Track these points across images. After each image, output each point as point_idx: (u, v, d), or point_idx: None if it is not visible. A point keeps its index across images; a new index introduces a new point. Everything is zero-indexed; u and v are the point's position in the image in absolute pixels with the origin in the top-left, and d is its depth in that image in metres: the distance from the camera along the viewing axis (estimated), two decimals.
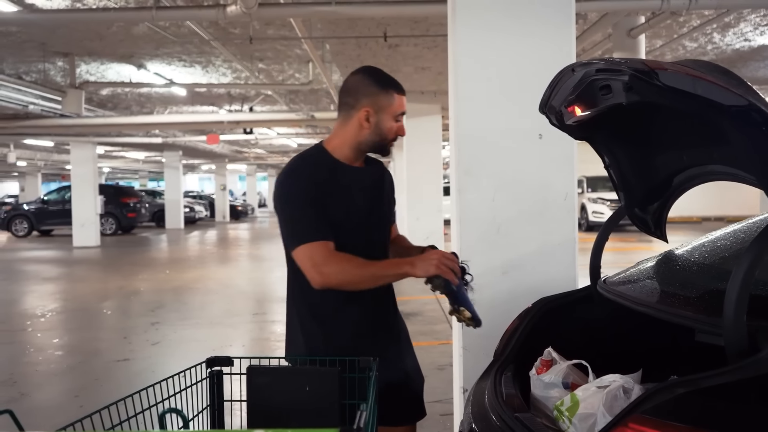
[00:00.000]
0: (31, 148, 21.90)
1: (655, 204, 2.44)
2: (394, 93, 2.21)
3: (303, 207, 2.10)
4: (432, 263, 2.06)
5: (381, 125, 2.21)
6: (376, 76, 2.24)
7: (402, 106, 2.25)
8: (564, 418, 1.88)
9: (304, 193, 2.11)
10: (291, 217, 2.13)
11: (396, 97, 2.22)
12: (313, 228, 2.07)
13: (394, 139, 2.28)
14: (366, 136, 2.21)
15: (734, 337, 1.49)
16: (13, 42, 8.63)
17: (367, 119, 2.19)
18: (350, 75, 2.28)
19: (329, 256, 2.06)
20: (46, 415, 4.56)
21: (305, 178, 2.15)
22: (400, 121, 2.27)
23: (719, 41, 9.06)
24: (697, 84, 1.52)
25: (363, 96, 2.20)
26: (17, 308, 9.15)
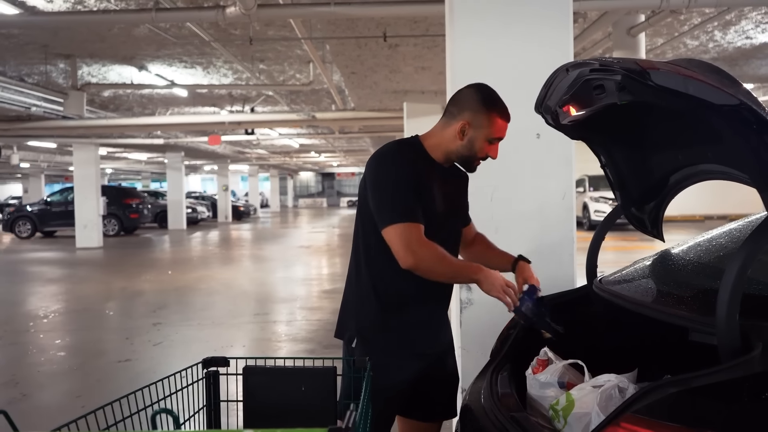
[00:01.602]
0: (34, 149, 21.96)
1: (651, 203, 2.45)
2: (496, 116, 2.24)
3: (404, 188, 2.16)
4: (494, 287, 2.14)
5: (474, 142, 2.25)
6: (485, 95, 2.27)
7: (500, 132, 2.28)
8: (559, 417, 1.88)
9: (406, 176, 2.17)
10: (391, 196, 2.17)
11: (496, 121, 2.25)
12: (411, 210, 2.14)
13: (483, 158, 2.31)
14: (458, 147, 2.27)
15: (727, 336, 1.49)
16: (15, 44, 8.66)
17: (462, 132, 2.25)
18: (465, 86, 2.33)
19: (423, 240, 2.13)
20: (48, 416, 4.57)
21: (408, 162, 2.21)
22: (494, 144, 2.29)
23: (720, 39, 9.05)
24: (689, 83, 1.52)
25: (466, 109, 2.25)
26: (20, 309, 9.17)
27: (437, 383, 2.39)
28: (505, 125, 2.28)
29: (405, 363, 2.24)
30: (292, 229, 26.06)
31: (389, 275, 2.22)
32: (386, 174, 2.20)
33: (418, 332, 2.27)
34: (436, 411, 2.44)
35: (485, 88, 2.30)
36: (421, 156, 2.28)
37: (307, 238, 20.90)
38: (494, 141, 2.28)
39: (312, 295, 9.73)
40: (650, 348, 2.28)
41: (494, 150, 2.30)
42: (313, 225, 28.25)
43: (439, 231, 2.25)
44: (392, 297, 2.25)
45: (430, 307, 2.32)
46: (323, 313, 8.06)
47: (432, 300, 2.31)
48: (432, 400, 2.40)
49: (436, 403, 2.42)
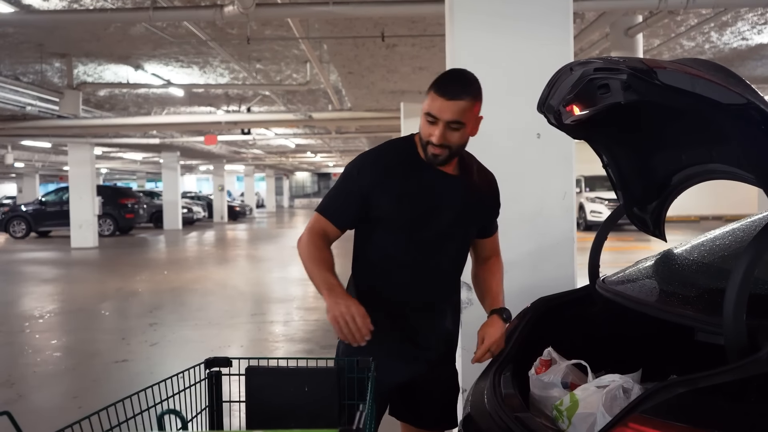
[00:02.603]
0: (28, 149, 21.88)
1: (653, 203, 2.44)
2: (432, 91, 2.07)
3: (341, 186, 2.20)
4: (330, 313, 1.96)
5: (420, 125, 2.14)
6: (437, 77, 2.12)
7: (430, 106, 2.07)
8: (563, 417, 1.88)
9: (354, 176, 2.17)
10: (331, 190, 2.25)
11: (430, 94, 2.07)
12: (330, 206, 2.18)
13: (430, 144, 2.09)
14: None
15: (734, 336, 1.49)
16: (10, 43, 8.62)
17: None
18: None
19: (313, 233, 2.15)
20: (45, 417, 4.55)
21: (371, 162, 2.19)
22: (431, 123, 2.08)
23: (717, 40, 9.07)
24: (696, 82, 1.52)
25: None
26: (15, 309, 9.13)
27: (428, 394, 2.30)
28: (439, 101, 2.04)
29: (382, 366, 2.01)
30: (288, 229, 26.02)
31: (360, 264, 2.27)
32: (345, 170, 2.23)
33: (391, 335, 2.17)
34: (430, 420, 2.35)
35: (444, 72, 2.19)
36: (403, 155, 2.18)
37: None
38: (431, 119, 2.06)
39: (308, 295, 9.70)
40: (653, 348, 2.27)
41: (435, 132, 2.06)
42: None
43: (413, 233, 2.16)
44: (366, 295, 2.20)
45: (406, 312, 2.21)
46: (320, 314, 8.03)
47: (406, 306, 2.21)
48: (425, 409, 2.32)
49: (429, 412, 2.33)
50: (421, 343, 2.24)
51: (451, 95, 2.04)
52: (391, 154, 2.22)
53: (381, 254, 2.23)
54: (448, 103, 2.04)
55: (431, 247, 2.21)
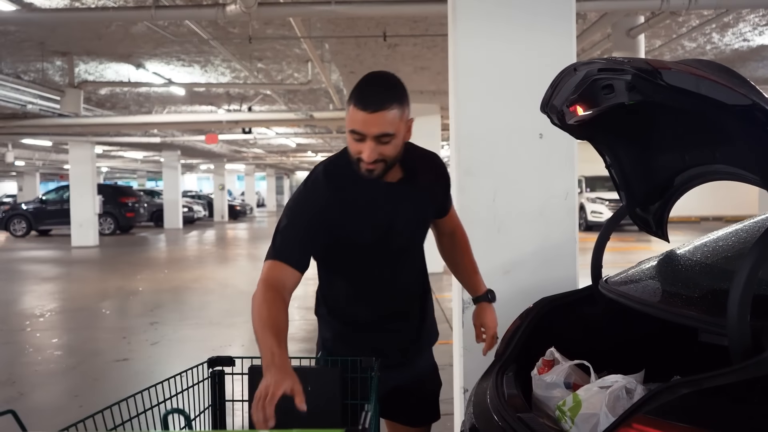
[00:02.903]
0: (29, 147, 21.87)
1: (656, 204, 2.44)
2: (351, 105, 1.87)
3: (289, 225, 1.96)
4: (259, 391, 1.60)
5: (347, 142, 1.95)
6: (355, 85, 1.92)
7: (353, 123, 1.87)
8: (566, 418, 1.88)
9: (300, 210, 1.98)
10: (279, 228, 1.98)
11: (350, 109, 1.87)
12: (283, 250, 1.93)
13: (361, 161, 1.92)
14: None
15: (738, 337, 1.49)
16: (12, 41, 8.61)
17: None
18: None
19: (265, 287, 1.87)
20: (46, 416, 4.55)
21: (312, 191, 2.01)
22: (358, 140, 1.89)
23: (718, 41, 9.06)
24: (701, 83, 1.52)
25: None
26: (16, 308, 9.13)
27: (410, 392, 2.28)
28: (360, 115, 1.84)
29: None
30: None
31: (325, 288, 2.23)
32: (287, 208, 2.02)
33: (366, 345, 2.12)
34: (415, 417, 2.34)
35: (363, 77, 1.96)
36: (348, 175, 1.99)
37: None
38: (357, 136, 1.88)
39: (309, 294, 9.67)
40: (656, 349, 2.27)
41: (364, 149, 1.88)
42: None
43: (378, 251, 2.10)
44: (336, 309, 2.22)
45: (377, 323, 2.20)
46: None
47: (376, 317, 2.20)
48: (409, 407, 2.30)
49: (413, 410, 2.32)
50: (398, 346, 2.23)
51: (374, 107, 1.83)
52: (330, 176, 2.03)
53: (343, 276, 2.18)
54: (373, 117, 1.83)
55: (392, 259, 2.15)
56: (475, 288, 2.41)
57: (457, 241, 2.43)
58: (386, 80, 1.93)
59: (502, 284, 3.09)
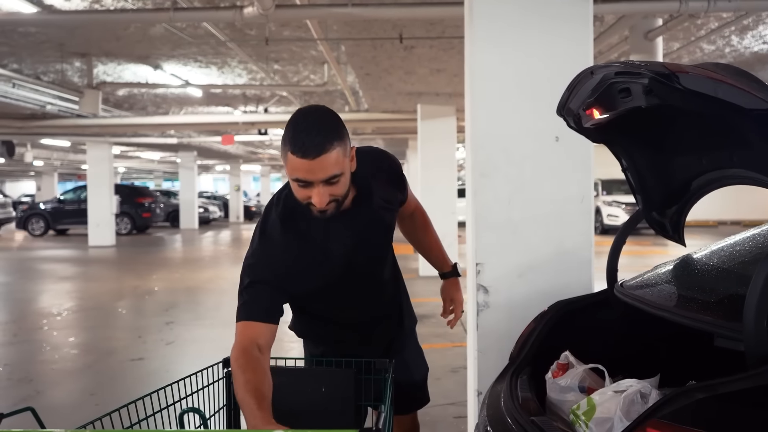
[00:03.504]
0: (47, 147, 22.09)
1: (673, 208, 2.42)
2: (287, 151, 1.73)
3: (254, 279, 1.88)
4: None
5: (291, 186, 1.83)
6: (288, 125, 1.77)
7: (294, 170, 1.74)
8: (580, 422, 1.87)
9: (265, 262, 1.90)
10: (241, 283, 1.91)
11: (289, 157, 1.73)
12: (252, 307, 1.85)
13: (309, 206, 1.82)
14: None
15: (754, 342, 1.48)
16: (32, 42, 8.71)
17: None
18: None
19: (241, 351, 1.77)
20: (62, 413, 4.60)
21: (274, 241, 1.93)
22: (303, 186, 1.77)
23: (737, 44, 8.99)
24: (719, 87, 1.51)
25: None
26: (34, 307, 9.23)
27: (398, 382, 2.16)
28: (301, 163, 1.71)
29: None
30: None
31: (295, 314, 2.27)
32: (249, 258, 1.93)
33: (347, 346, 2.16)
34: (405, 405, 2.33)
35: (293, 117, 1.80)
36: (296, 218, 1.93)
37: None
38: (302, 183, 1.77)
39: None
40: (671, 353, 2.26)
41: (313, 194, 1.77)
42: None
43: (351, 277, 2.06)
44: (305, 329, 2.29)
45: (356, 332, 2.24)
46: None
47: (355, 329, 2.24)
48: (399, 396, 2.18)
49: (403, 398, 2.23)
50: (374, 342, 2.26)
51: (315, 153, 1.70)
52: (285, 222, 1.94)
53: (315, 312, 2.21)
54: (315, 163, 1.71)
55: (363, 281, 2.13)
56: (442, 264, 2.49)
57: (417, 220, 2.49)
58: (322, 121, 1.77)
59: (517, 287, 3.10)
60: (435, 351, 5.73)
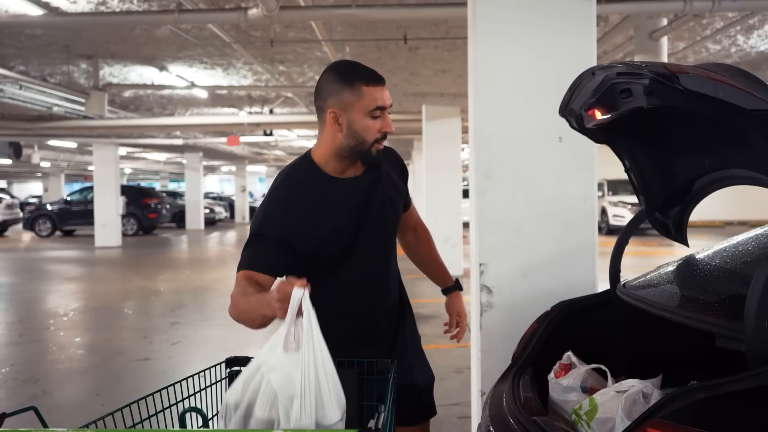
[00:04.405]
0: (54, 149, 22.17)
1: (676, 208, 2.43)
2: (361, 85, 1.91)
3: (258, 240, 1.93)
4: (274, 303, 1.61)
5: (353, 126, 1.93)
6: (340, 70, 1.96)
7: (375, 100, 1.92)
8: (582, 422, 1.87)
9: (266, 227, 1.93)
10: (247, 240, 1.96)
11: (364, 90, 1.91)
12: (255, 259, 1.90)
13: (378, 140, 1.97)
14: (341, 141, 1.95)
15: (755, 342, 1.48)
16: (38, 44, 8.75)
17: (336, 121, 1.94)
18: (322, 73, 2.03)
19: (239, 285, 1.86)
20: (68, 413, 4.62)
21: (277, 201, 1.98)
22: (378, 117, 1.95)
23: (743, 43, 8.96)
24: (719, 88, 1.51)
25: (328, 95, 1.95)
26: (40, 307, 9.27)
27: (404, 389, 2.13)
28: (376, 90, 1.92)
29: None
30: None
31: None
32: (253, 225, 1.99)
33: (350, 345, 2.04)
34: (412, 415, 2.24)
35: (339, 63, 2.02)
36: (306, 181, 1.99)
37: None
38: (378, 113, 1.94)
39: None
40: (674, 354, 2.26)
41: (385, 123, 1.96)
42: None
43: (357, 249, 2.04)
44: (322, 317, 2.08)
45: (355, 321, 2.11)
46: None
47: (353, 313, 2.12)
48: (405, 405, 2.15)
49: (410, 407, 2.19)
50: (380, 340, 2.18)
51: (383, 80, 1.97)
52: (293, 187, 2.01)
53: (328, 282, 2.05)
54: (385, 89, 1.97)
55: (370, 263, 2.11)
56: (444, 279, 2.47)
57: (420, 235, 2.47)
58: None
59: (521, 287, 3.10)
60: (439, 352, 5.73)
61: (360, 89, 1.90)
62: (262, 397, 1.46)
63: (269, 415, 1.46)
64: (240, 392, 1.47)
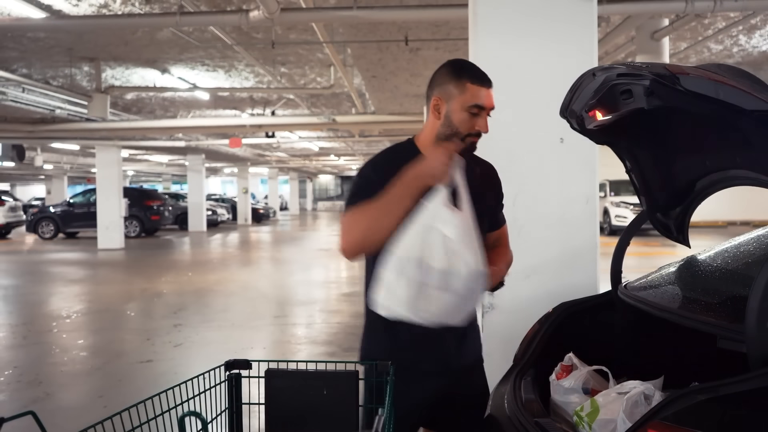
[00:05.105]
0: (57, 151, 22.24)
1: (677, 209, 2.42)
2: (466, 81, 2.00)
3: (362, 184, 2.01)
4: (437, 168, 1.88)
5: (450, 116, 2.02)
6: (454, 65, 2.06)
7: (476, 98, 2.00)
8: (584, 423, 1.87)
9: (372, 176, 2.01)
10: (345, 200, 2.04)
11: (467, 86, 1.99)
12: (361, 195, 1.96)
13: (471, 136, 2.03)
14: (438, 128, 2.05)
15: (756, 343, 1.47)
16: (41, 47, 8.77)
17: (437, 109, 2.05)
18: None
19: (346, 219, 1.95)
20: (71, 416, 4.62)
21: (376, 164, 2.08)
22: (476, 114, 2.01)
23: (745, 43, 8.95)
24: (720, 88, 1.51)
25: (436, 85, 2.06)
26: (43, 309, 9.27)
27: (460, 404, 2.11)
28: (482, 90, 2.01)
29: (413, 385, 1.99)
30: (311, 232, 26.13)
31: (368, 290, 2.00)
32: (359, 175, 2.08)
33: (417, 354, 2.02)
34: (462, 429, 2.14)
35: (456, 60, 2.10)
36: (404, 157, 2.01)
37: (326, 240, 20.95)
38: (476, 110, 2.00)
39: (331, 297, 9.74)
40: (675, 355, 2.25)
41: (481, 123, 2.02)
42: (332, 228, 28.30)
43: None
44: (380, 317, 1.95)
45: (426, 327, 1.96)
46: (342, 316, 8.06)
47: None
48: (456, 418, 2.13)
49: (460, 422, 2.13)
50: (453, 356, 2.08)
51: (490, 83, 2.04)
52: (391, 156, 2.11)
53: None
54: (490, 91, 2.04)
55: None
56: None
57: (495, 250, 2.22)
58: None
59: (522, 288, 3.10)
60: None
61: (464, 84, 2.00)
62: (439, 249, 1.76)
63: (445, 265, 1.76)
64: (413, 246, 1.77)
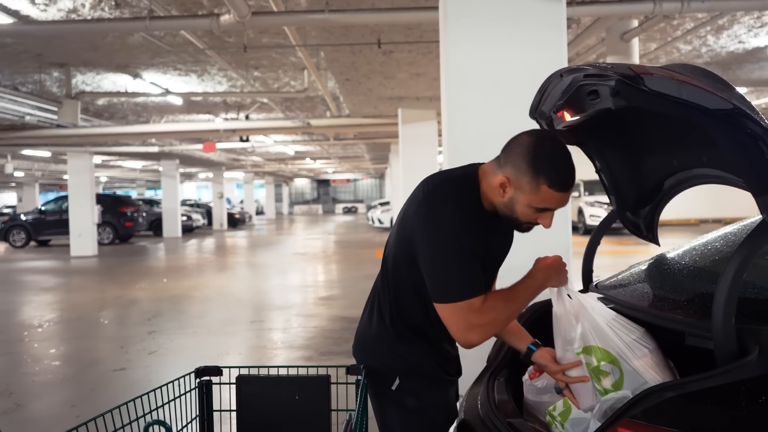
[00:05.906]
0: (28, 158, 21.92)
1: (646, 207, 2.45)
2: (543, 184, 1.81)
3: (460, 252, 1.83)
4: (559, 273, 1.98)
5: (514, 203, 1.88)
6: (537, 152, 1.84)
7: (547, 201, 1.84)
8: (556, 423, 1.88)
9: (467, 235, 1.85)
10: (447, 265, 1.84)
11: (543, 189, 1.82)
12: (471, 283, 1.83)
13: (531, 225, 1.95)
14: (499, 203, 1.91)
15: (723, 340, 1.49)
16: (9, 53, 8.64)
17: (502, 188, 1.88)
18: (525, 132, 1.94)
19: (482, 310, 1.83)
20: (42, 427, 4.54)
21: (468, 217, 1.89)
22: (541, 213, 1.89)
23: (713, 44, 9.09)
24: (683, 88, 1.52)
25: (510, 162, 1.87)
26: (14, 318, 9.12)
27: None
28: (558, 196, 1.83)
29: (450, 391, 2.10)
30: (288, 236, 26.03)
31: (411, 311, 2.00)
32: (444, 233, 1.85)
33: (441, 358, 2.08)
34: None
35: (542, 141, 1.88)
36: (475, 201, 1.93)
37: (303, 245, 20.88)
38: (543, 210, 1.88)
39: (308, 302, 9.70)
40: None
41: (546, 221, 1.91)
42: (309, 232, 28.23)
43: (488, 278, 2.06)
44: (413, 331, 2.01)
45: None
46: (319, 320, 8.03)
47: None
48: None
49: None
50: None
51: (569, 186, 1.87)
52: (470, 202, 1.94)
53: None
54: (567, 195, 1.88)
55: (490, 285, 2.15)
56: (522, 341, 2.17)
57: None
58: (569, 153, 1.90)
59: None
60: None
61: (540, 187, 1.82)
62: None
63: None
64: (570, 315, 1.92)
